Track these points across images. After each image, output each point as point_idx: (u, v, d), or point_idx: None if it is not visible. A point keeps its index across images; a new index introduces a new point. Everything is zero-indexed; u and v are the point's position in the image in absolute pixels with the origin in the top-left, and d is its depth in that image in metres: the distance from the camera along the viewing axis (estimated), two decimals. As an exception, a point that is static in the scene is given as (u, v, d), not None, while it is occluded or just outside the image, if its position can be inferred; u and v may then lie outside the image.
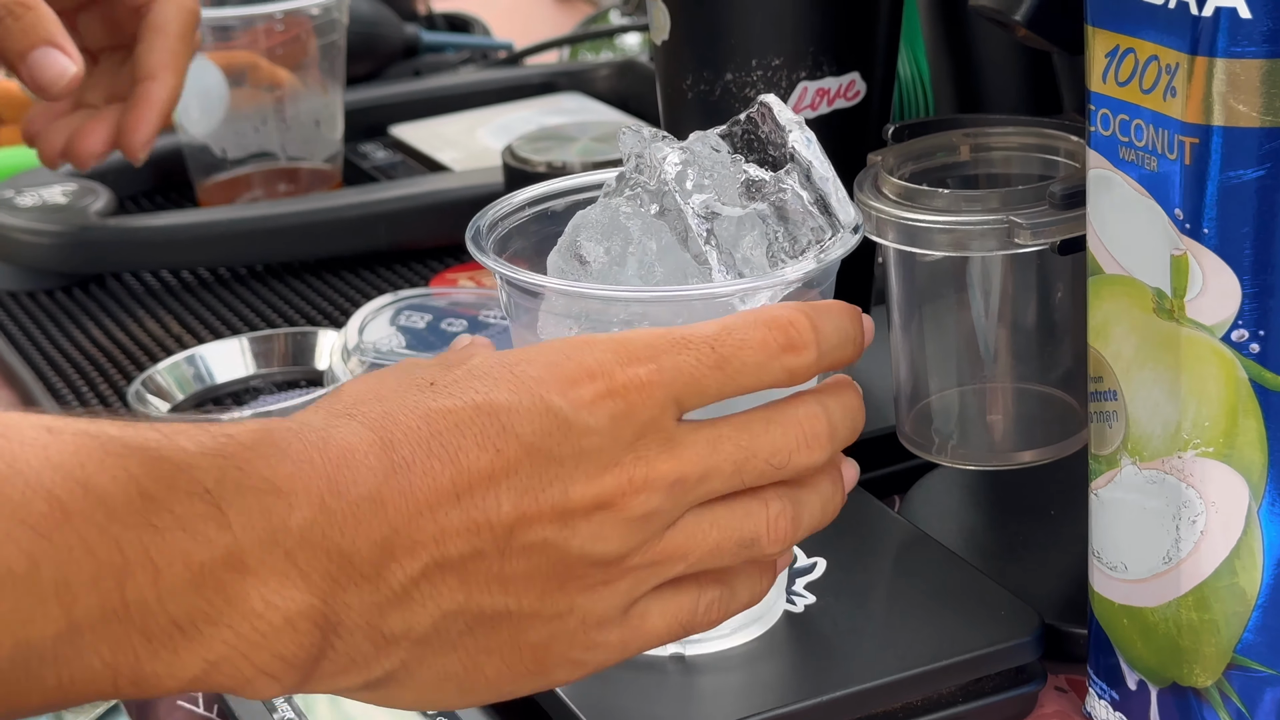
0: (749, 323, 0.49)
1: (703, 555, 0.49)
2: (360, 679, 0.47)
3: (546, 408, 0.47)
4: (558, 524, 0.47)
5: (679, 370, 0.48)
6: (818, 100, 0.70)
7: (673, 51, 0.71)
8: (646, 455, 0.48)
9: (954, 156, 0.65)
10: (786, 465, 0.50)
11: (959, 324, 0.64)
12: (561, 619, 0.48)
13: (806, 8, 0.68)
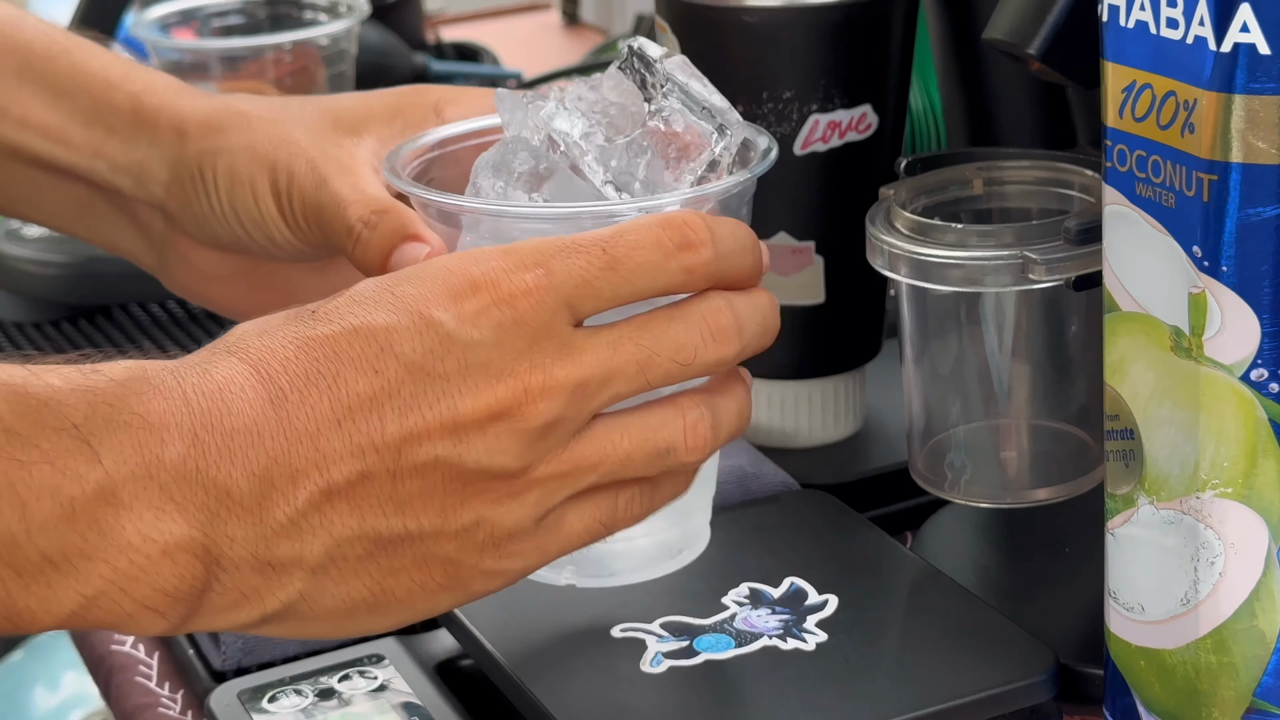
0: (642, 224, 0.48)
1: (614, 466, 0.48)
2: (255, 613, 0.47)
3: (427, 324, 0.46)
4: (450, 439, 0.46)
5: (569, 274, 0.47)
6: (829, 133, 0.69)
7: (683, 84, 0.70)
8: (543, 363, 0.47)
9: (967, 190, 0.64)
10: (693, 362, 0.48)
11: (972, 359, 0.63)
12: (469, 533, 0.47)
13: (818, 40, 0.68)
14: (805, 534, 0.65)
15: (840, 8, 0.68)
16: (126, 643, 0.67)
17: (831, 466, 0.73)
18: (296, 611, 0.47)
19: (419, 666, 0.61)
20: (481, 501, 0.47)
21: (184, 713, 0.63)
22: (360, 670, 0.61)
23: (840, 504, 0.67)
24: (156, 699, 0.64)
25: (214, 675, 0.63)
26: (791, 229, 0.70)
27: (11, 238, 0.93)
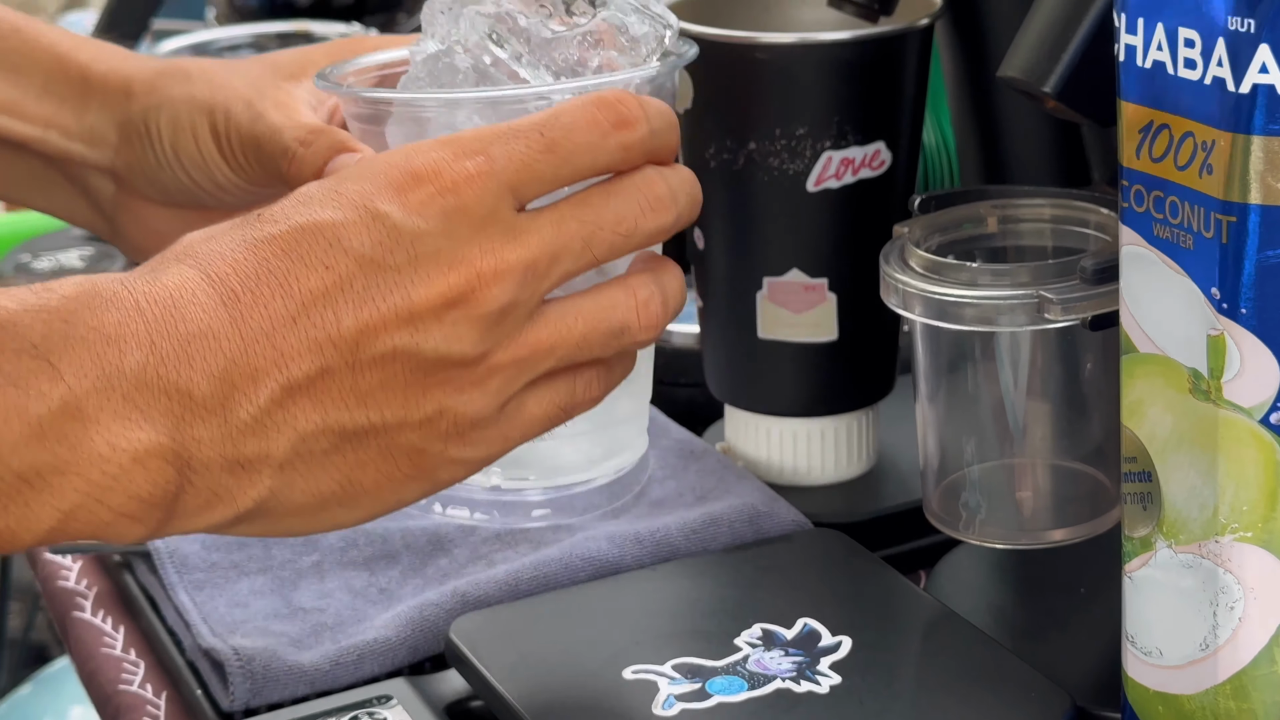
0: (577, 105, 0.49)
1: (571, 348, 0.49)
2: (229, 512, 0.47)
3: (375, 217, 0.47)
4: (406, 329, 0.47)
5: (510, 158, 0.48)
6: (842, 170, 0.69)
7: (695, 120, 0.70)
8: (491, 247, 0.47)
9: (981, 228, 0.64)
10: (635, 232, 0.49)
11: (987, 397, 0.63)
12: (432, 423, 0.48)
13: (831, 77, 0.67)
14: (819, 574, 0.65)
15: (854, 44, 0.67)
16: (134, 681, 0.66)
17: (844, 504, 0.73)
18: (268, 508, 0.48)
19: (428, 707, 0.61)
20: (443, 390, 0.48)
21: (192, 753, 0.63)
22: (369, 711, 0.61)
23: (853, 543, 0.66)
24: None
25: (222, 716, 0.63)
26: (804, 266, 0.70)
27: (22, 272, 0.93)
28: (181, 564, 0.69)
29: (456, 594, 0.65)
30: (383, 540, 0.70)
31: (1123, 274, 0.51)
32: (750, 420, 0.74)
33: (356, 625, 0.66)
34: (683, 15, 0.71)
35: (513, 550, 0.69)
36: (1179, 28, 0.47)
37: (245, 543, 0.70)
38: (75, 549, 0.73)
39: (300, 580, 0.69)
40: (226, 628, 0.66)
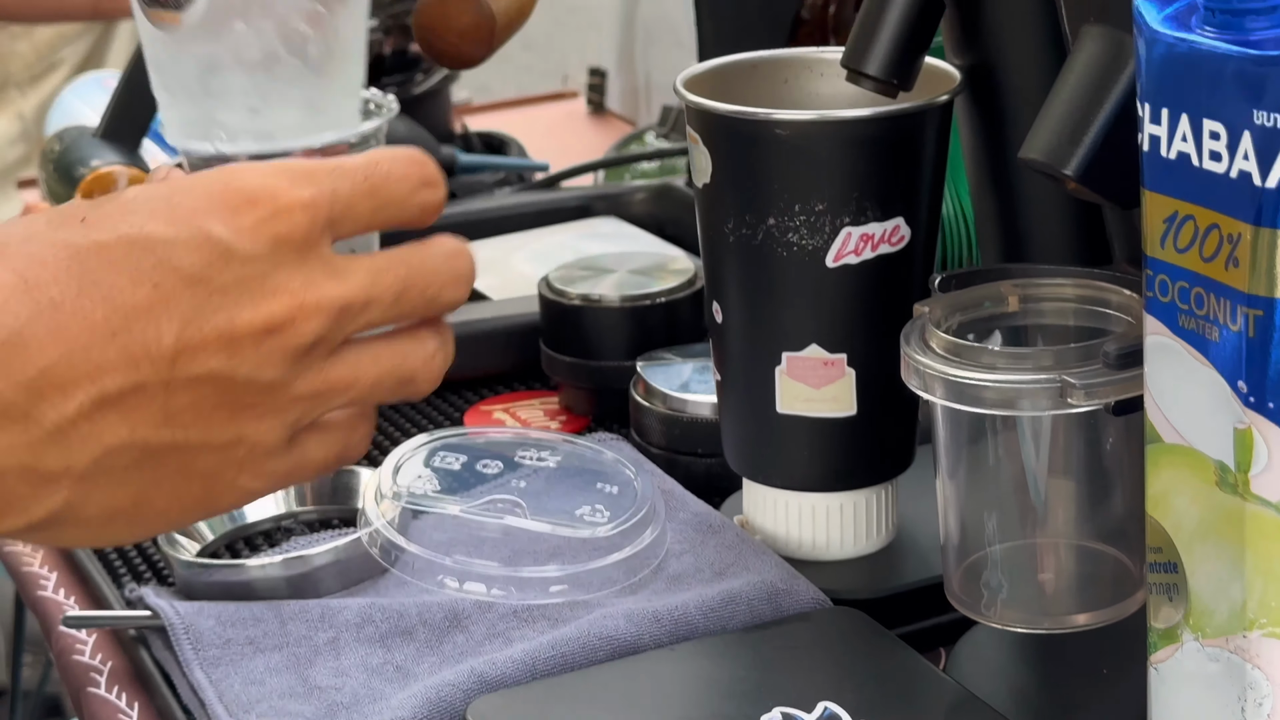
0: (394, 156, 0.51)
1: (364, 390, 0.51)
2: (21, 520, 0.47)
3: (207, 237, 0.47)
4: (225, 352, 0.48)
5: (338, 194, 0.50)
6: (862, 246, 0.69)
7: (714, 195, 0.70)
8: (314, 280, 0.49)
9: (1002, 307, 0.63)
10: (437, 300, 0.52)
11: (1009, 473, 0.62)
12: (230, 448, 0.49)
13: (850, 153, 0.67)
14: (839, 655, 0.64)
15: (873, 121, 0.67)
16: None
17: (864, 580, 0.72)
18: (60, 519, 0.48)
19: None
20: (245, 417, 0.49)
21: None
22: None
23: (874, 623, 0.66)
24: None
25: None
26: (823, 341, 0.70)
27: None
28: (197, 640, 0.69)
29: (474, 674, 0.65)
30: (399, 616, 0.70)
31: (1147, 364, 0.51)
32: (768, 494, 0.73)
33: (372, 705, 0.65)
34: (700, 90, 0.71)
35: (530, 627, 0.69)
36: (1204, 120, 0.47)
37: (260, 617, 0.70)
38: (90, 622, 0.73)
39: (316, 657, 0.68)
40: (242, 707, 0.65)
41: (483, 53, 0.83)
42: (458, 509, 0.72)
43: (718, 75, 0.74)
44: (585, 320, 0.89)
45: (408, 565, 0.71)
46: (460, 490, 0.74)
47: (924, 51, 0.69)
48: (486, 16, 0.82)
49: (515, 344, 0.94)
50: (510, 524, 0.72)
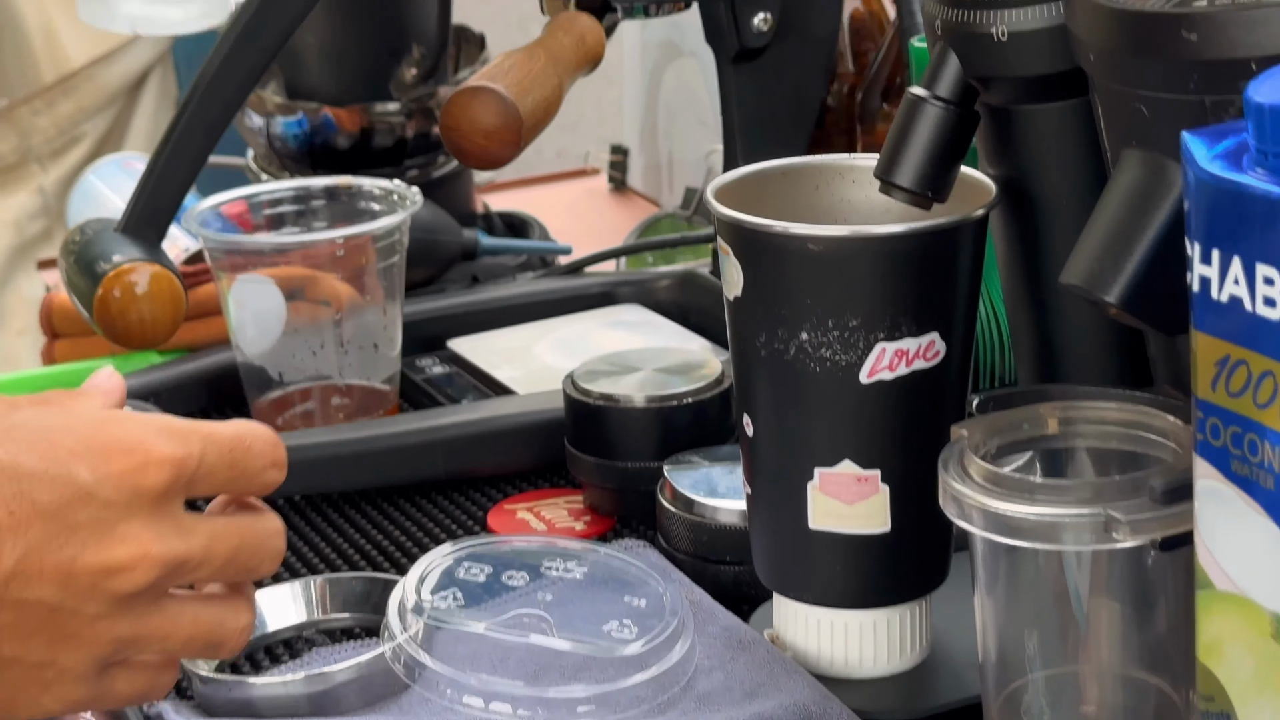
0: (256, 434, 0.57)
1: (177, 644, 0.56)
2: None
3: (71, 479, 0.52)
4: (58, 584, 0.52)
5: (204, 459, 0.55)
6: (896, 361, 0.67)
7: (746, 308, 0.69)
8: (163, 533, 0.53)
9: (1041, 430, 0.62)
10: (255, 570, 0.57)
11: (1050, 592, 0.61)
12: (40, 669, 0.53)
13: (885, 269, 0.66)
14: (874, 786, 0.63)
15: (907, 237, 0.66)
16: None
17: (899, 700, 0.70)
18: None
19: None
20: (62, 645, 0.53)
21: None
22: None
23: (910, 750, 0.64)
24: None
25: None
26: (857, 457, 0.68)
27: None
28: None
29: (500, 802, 0.63)
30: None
31: (1198, 508, 0.50)
32: (800, 610, 0.72)
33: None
34: (730, 199, 0.70)
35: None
36: (1257, 263, 0.46)
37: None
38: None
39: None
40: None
41: (510, 153, 0.82)
42: (483, 625, 0.71)
43: (747, 183, 0.73)
44: (610, 421, 0.88)
45: (432, 683, 0.69)
46: (486, 602, 0.73)
47: (958, 163, 0.68)
48: (513, 117, 0.82)
49: (539, 441, 0.93)
50: (536, 641, 0.70)
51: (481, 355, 1.05)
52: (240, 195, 1.01)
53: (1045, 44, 0.64)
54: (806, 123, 1.05)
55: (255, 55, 0.91)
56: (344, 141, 1.20)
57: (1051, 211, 0.68)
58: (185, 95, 0.92)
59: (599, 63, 0.92)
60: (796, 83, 1.04)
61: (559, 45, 0.88)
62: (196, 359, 1.02)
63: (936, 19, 0.67)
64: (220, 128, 0.92)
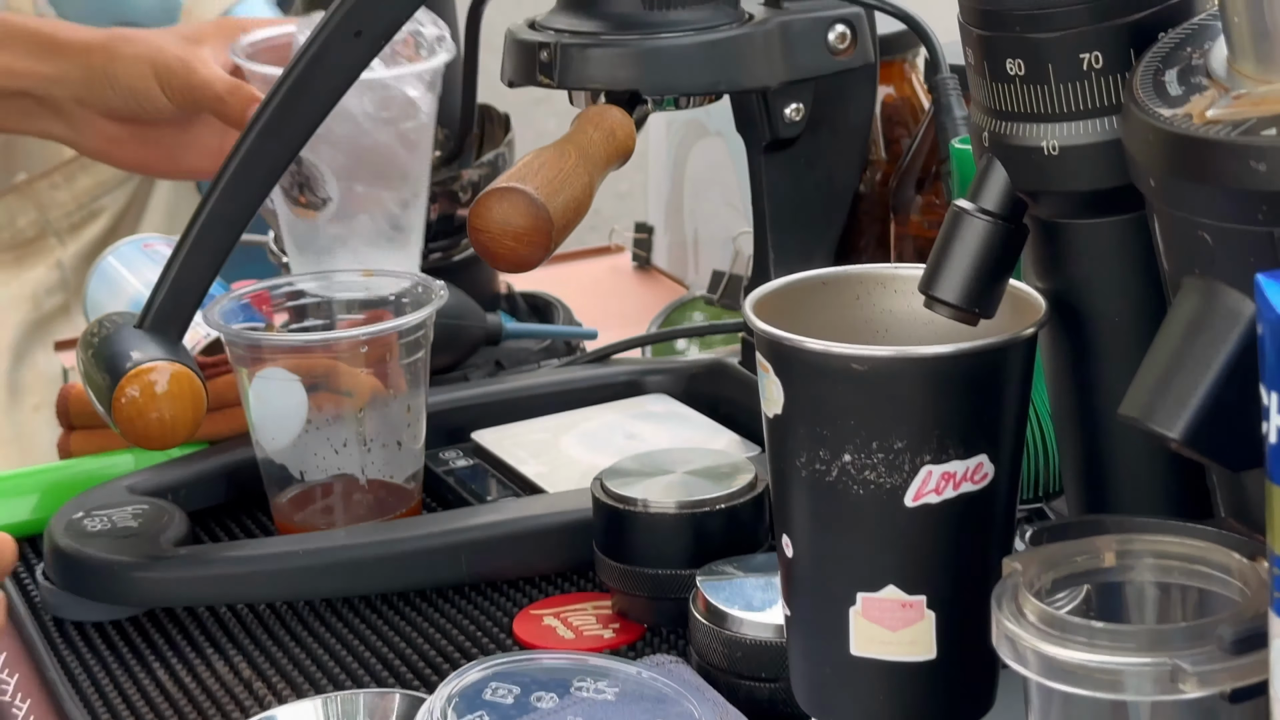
0: None
1: None
2: None
3: None
4: None
5: None
6: (943, 485, 0.65)
7: (785, 427, 0.66)
8: None
9: (1098, 563, 0.60)
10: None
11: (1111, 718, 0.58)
12: None
13: (932, 390, 0.64)
14: None
15: (954, 358, 0.64)
16: None
17: (943, 834, 0.68)
18: None
19: None
20: None
21: None
22: None
23: None
24: None
25: None
26: (901, 583, 0.66)
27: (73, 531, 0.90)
28: None
29: None
30: None
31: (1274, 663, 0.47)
32: (841, 737, 0.69)
33: None
34: (767, 311, 0.68)
35: None
36: (1339, 418, 0.44)
37: None
38: None
39: None
40: None
41: (540, 256, 0.80)
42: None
43: (786, 294, 0.71)
44: (641, 527, 0.85)
45: (459, 814, 0.67)
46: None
47: (1006, 277, 0.66)
48: (543, 219, 0.80)
49: (566, 544, 0.90)
50: (568, 770, 0.68)
51: (507, 449, 1.02)
52: (263, 286, 0.99)
53: (1098, 159, 0.62)
54: (839, 212, 1.03)
55: (279, 149, 0.90)
56: (366, 225, 1.18)
57: (1103, 329, 0.66)
58: (208, 188, 0.90)
59: (629, 157, 0.90)
60: (829, 172, 1.02)
61: (589, 141, 0.86)
62: (216, 453, 1.00)
63: (983, 130, 0.65)
64: (243, 223, 0.90)
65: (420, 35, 1.03)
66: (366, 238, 1.03)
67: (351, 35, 0.89)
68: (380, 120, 1.01)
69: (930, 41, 0.94)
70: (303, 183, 1.00)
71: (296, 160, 0.97)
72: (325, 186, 0.99)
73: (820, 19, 0.96)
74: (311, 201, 0.99)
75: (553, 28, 0.93)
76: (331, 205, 1.00)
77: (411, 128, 1.03)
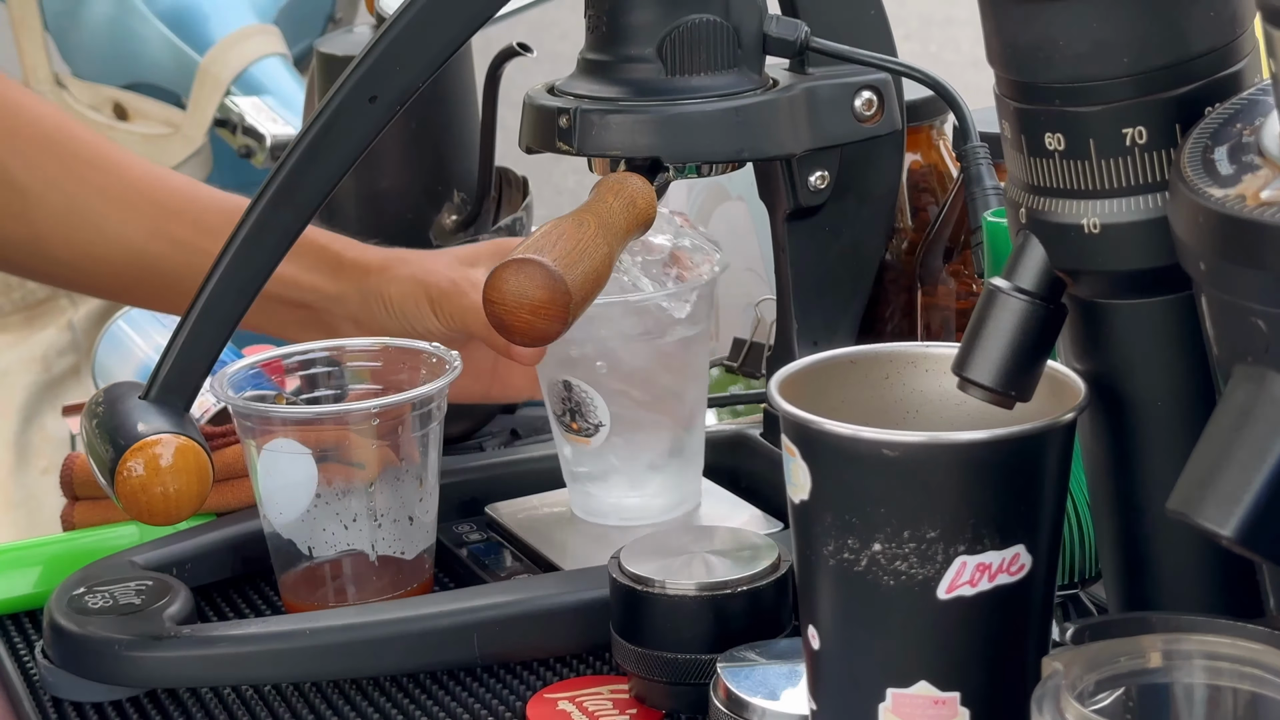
0: None
1: None
2: None
3: None
4: None
5: None
6: (977, 576, 0.62)
7: (812, 514, 0.64)
8: None
9: (1143, 663, 0.57)
10: None
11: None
12: None
13: (966, 478, 0.61)
14: None
15: (990, 444, 0.61)
16: None
17: None
18: None
19: None
20: None
21: None
22: None
23: None
24: None
25: None
26: (934, 678, 0.63)
27: (74, 607, 0.87)
28: None
29: None
30: None
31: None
32: (869, 839, 0.66)
33: None
34: (793, 391, 0.65)
35: None
36: None
37: None
38: None
39: None
40: None
41: (558, 329, 0.77)
42: None
43: (812, 373, 0.68)
44: (659, 609, 0.82)
45: None
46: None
47: (1043, 360, 0.63)
48: (561, 291, 0.77)
49: (582, 625, 0.87)
50: None
51: (522, 523, 0.99)
52: (274, 356, 0.97)
53: (1142, 237, 0.59)
54: (865, 281, 1.01)
55: (291, 217, 0.87)
56: (380, 291, 1.15)
57: (1146, 415, 0.63)
58: (216, 258, 0.88)
59: (650, 226, 0.87)
60: (855, 241, 0.99)
61: (608, 210, 0.84)
62: (222, 526, 0.98)
63: (1020, 206, 0.63)
64: (253, 292, 0.87)
65: (684, 248, 0.96)
66: (646, 462, 0.96)
67: (366, 101, 0.87)
68: (648, 340, 0.94)
69: (960, 109, 0.92)
70: (573, 409, 0.94)
71: (566, 385, 0.94)
72: (596, 413, 0.93)
73: (846, 85, 0.94)
74: (584, 428, 0.94)
75: (572, 93, 0.91)
76: (604, 431, 0.94)
77: (683, 347, 0.95)
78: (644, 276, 0.93)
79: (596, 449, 0.95)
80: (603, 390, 0.94)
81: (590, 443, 0.95)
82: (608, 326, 0.93)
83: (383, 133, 0.88)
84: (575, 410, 0.95)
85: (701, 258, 0.96)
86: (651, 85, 0.90)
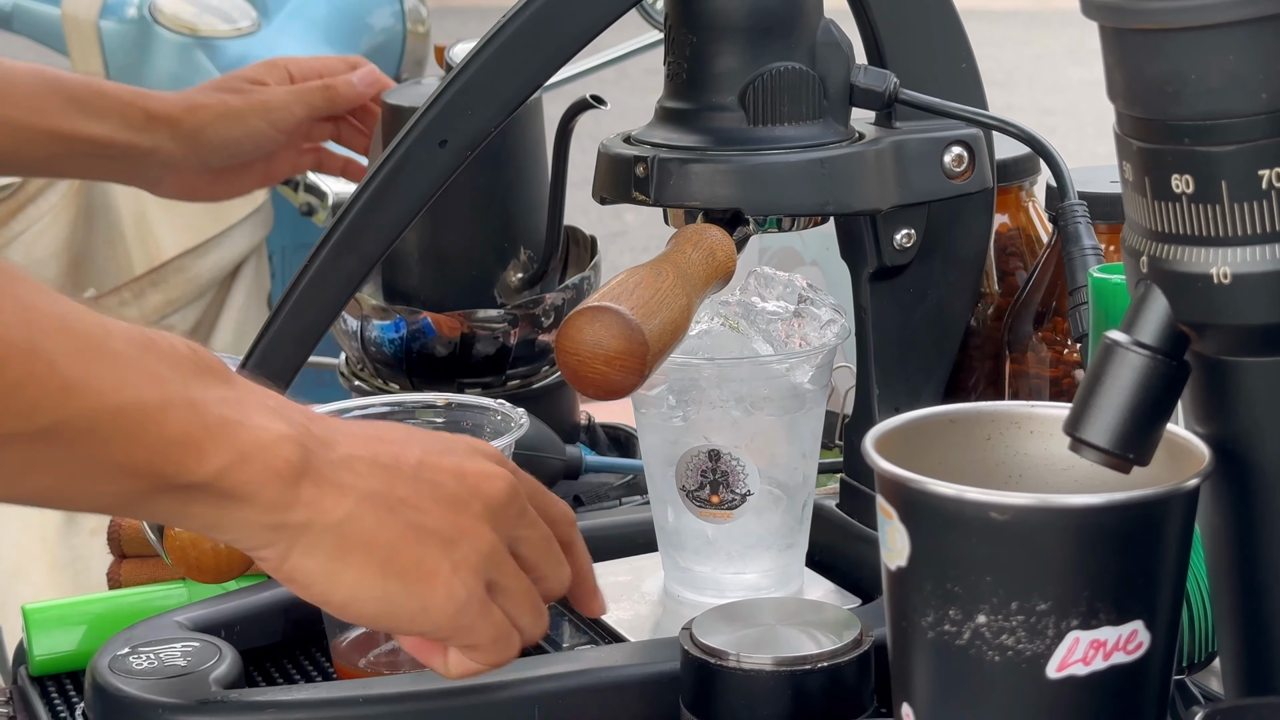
0: None
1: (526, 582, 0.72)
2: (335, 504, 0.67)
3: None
4: (452, 476, 0.69)
5: None
6: (1091, 654, 0.57)
7: (911, 582, 0.59)
8: None
9: (1279, 754, 0.52)
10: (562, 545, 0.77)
11: None
12: (447, 546, 0.68)
13: (1082, 545, 0.56)
14: None
15: (1108, 510, 0.56)
16: None
17: None
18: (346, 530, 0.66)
19: None
20: (460, 531, 0.69)
21: None
22: None
23: None
24: None
25: None
26: (1041, 765, 0.58)
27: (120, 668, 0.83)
28: None
29: None
30: None
31: None
32: None
33: None
34: (889, 450, 0.61)
35: None
36: None
37: None
38: None
39: None
40: None
41: (634, 383, 0.73)
42: None
43: (909, 432, 0.64)
44: (734, 684, 0.77)
45: None
46: None
47: (1164, 421, 0.59)
48: (638, 342, 0.73)
49: (649, 699, 0.83)
50: None
51: (585, 592, 0.95)
52: (336, 409, 0.93)
53: (1277, 289, 0.55)
54: (950, 346, 0.96)
55: (353, 263, 0.84)
56: (442, 349, 1.12)
57: (1276, 483, 0.58)
58: (276, 303, 0.85)
59: (730, 280, 0.83)
60: (940, 304, 0.95)
61: (687, 261, 0.80)
62: (273, 587, 0.93)
63: (1141, 254, 0.58)
64: (312, 342, 0.84)
65: (811, 311, 0.90)
66: (757, 537, 0.90)
67: (436, 145, 0.84)
68: (779, 406, 0.89)
69: (1057, 164, 0.87)
70: (718, 480, 0.87)
71: (713, 455, 0.88)
72: (746, 481, 0.87)
73: (936, 139, 0.90)
74: (727, 500, 0.87)
75: (649, 142, 0.88)
76: (751, 500, 0.87)
77: (807, 414, 0.90)
78: (761, 339, 0.90)
79: (736, 523, 0.90)
80: (755, 457, 0.88)
81: (733, 515, 0.89)
82: (743, 388, 0.88)
83: (450, 184, 0.85)
84: (721, 481, 0.89)
85: (822, 320, 0.92)
86: (733, 135, 0.86)
